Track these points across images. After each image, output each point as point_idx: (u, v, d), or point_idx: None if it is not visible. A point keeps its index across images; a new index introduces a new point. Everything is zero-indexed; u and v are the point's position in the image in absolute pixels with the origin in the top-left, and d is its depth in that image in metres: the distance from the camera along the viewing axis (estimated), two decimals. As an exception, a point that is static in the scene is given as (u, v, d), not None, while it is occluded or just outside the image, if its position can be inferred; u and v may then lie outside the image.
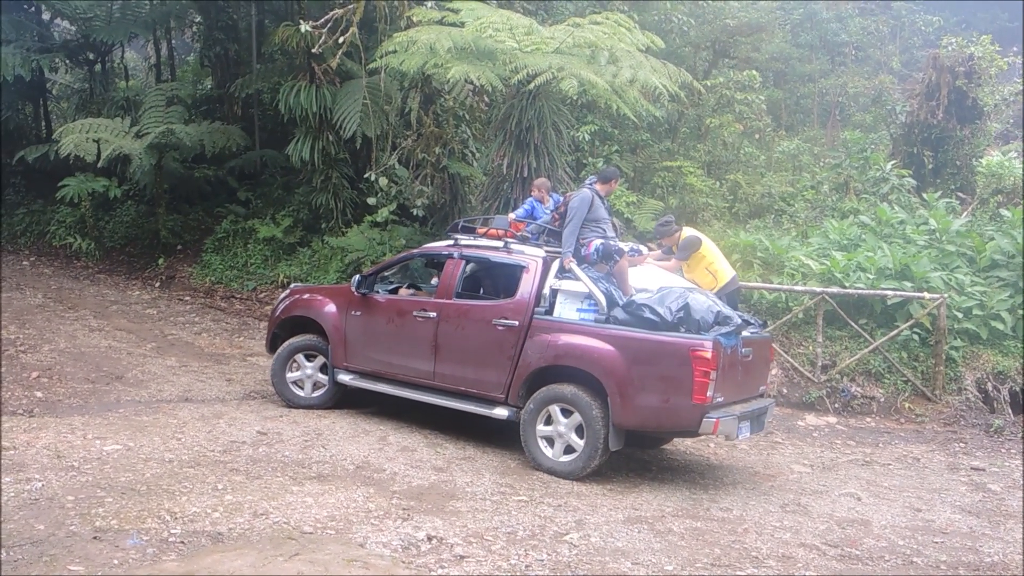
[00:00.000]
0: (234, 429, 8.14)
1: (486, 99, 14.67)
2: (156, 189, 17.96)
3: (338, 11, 13.69)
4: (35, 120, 23.12)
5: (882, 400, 11.07)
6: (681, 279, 8.66)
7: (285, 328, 9.69)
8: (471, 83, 12.62)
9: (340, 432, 8.34)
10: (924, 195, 14.31)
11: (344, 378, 9.05)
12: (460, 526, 6.04)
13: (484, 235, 8.93)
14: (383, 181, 14.28)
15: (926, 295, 11.04)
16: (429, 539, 5.72)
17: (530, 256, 8.22)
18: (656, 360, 7.34)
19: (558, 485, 7.32)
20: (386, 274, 9.52)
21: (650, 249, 9.45)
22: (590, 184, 8.57)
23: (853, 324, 11.40)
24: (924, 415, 10.80)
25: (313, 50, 14.26)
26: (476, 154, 15.18)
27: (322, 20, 13.70)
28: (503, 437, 8.60)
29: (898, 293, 11.21)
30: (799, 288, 11.76)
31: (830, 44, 23.63)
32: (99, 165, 16.61)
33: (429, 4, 13.38)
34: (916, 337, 11.28)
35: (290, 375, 9.41)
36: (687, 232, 9.12)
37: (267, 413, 8.93)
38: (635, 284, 7.98)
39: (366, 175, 14.59)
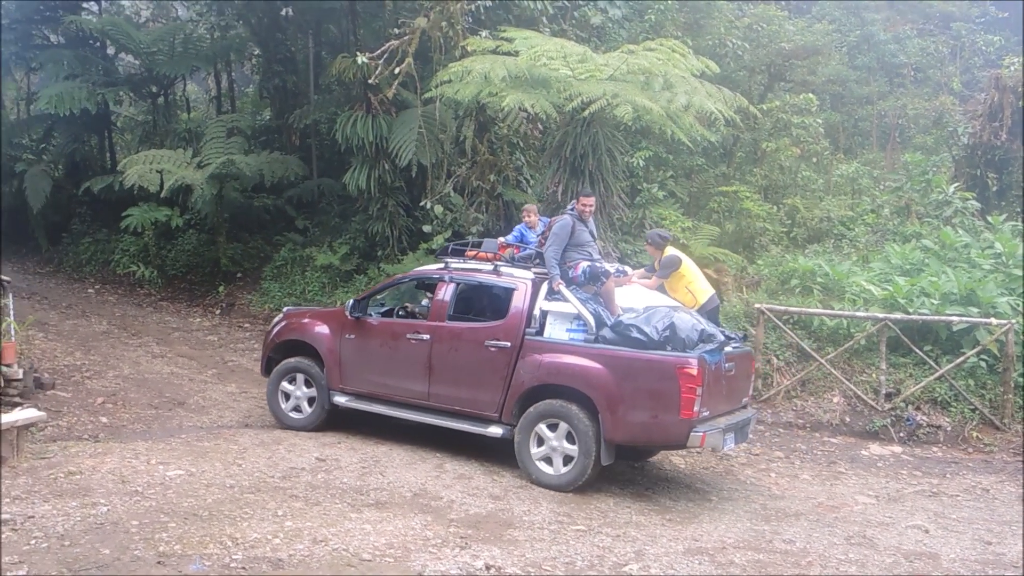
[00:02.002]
0: (293, 455, 8.21)
1: (540, 126, 14.72)
2: (217, 218, 18.34)
3: (394, 42, 13.92)
4: (100, 152, 23.78)
5: (949, 429, 10.76)
6: (666, 298, 8.95)
7: (280, 352, 9.86)
8: (525, 111, 12.69)
9: (397, 459, 8.36)
10: (989, 218, 13.99)
11: (340, 400, 9.24)
12: (518, 556, 6.01)
13: (474, 258, 9.15)
14: (438, 209, 14.41)
15: (993, 321, 10.75)
16: (487, 568, 5.70)
17: (519, 278, 8.51)
18: (644, 377, 7.61)
19: (616, 515, 7.25)
20: (379, 297, 9.72)
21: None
22: (571, 210, 8.80)
23: (917, 351, 11.13)
24: (993, 444, 10.47)
25: (369, 81, 14.48)
26: (530, 181, 15.22)
27: (378, 51, 13.94)
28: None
29: (964, 319, 10.93)
30: (861, 314, 11.53)
31: (888, 66, 23.33)
32: (162, 195, 17.03)
33: (483, 34, 13.52)
34: (983, 364, 10.96)
35: (283, 398, 9.63)
36: (669, 251, 9.37)
37: (325, 439, 8.99)
38: (622, 304, 8.25)
39: (421, 203, 14.73)
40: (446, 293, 8.82)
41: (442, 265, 9.18)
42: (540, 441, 7.98)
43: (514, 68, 11.34)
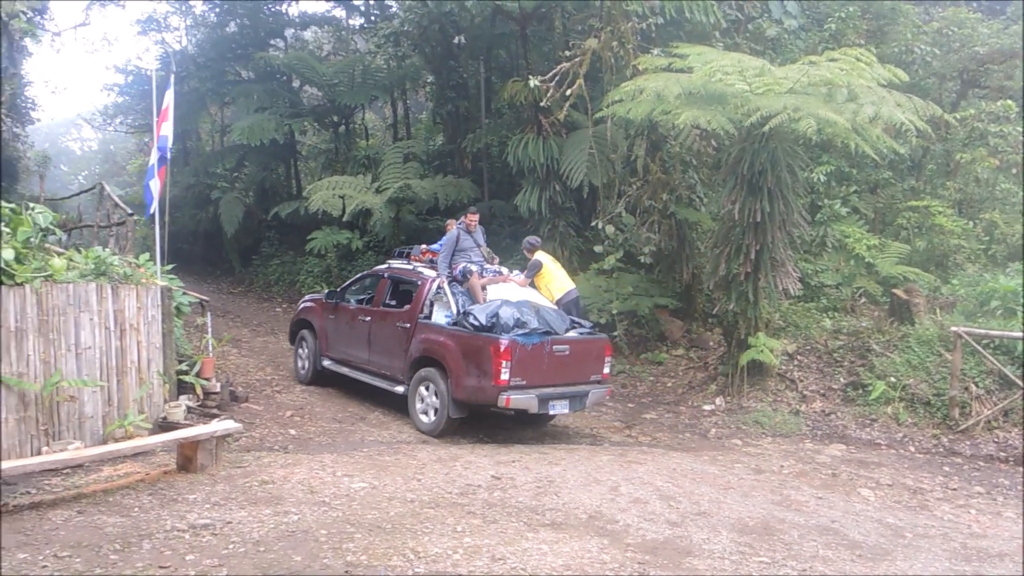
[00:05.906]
0: (470, 472, 8.32)
1: (714, 143, 14.39)
2: (394, 240, 19.00)
3: (565, 65, 14.01)
4: (287, 179, 25.25)
5: None
6: (535, 293, 11.03)
7: (298, 327, 13.10)
8: (698, 128, 12.43)
9: (571, 480, 8.29)
10: None
11: (326, 363, 12.31)
12: (700, 585, 5.79)
13: (410, 260, 11.90)
14: (609, 229, 14.34)
15: None
16: (668, 596, 5.52)
17: (424, 276, 11.06)
18: (473, 352, 9.81)
19: (801, 547, 6.88)
20: (353, 288, 12.46)
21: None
22: (459, 223, 11.52)
23: None
24: None
25: (540, 103, 14.63)
26: (704, 199, 14.92)
27: (549, 74, 14.08)
28: (737, 494, 8.25)
29: None
30: (1073, 338, 10.55)
31: (1097, 67, 21.36)
32: (343, 219, 17.83)
33: (655, 51, 13.39)
34: None
35: (297, 360, 13.01)
36: (536, 256, 11.66)
37: (500, 457, 9.07)
38: (496, 297, 10.30)
39: (592, 223, 14.72)
40: (383, 285, 11.65)
41: (386, 264, 12.05)
42: (423, 398, 10.41)
43: (688, 85, 11.15)
